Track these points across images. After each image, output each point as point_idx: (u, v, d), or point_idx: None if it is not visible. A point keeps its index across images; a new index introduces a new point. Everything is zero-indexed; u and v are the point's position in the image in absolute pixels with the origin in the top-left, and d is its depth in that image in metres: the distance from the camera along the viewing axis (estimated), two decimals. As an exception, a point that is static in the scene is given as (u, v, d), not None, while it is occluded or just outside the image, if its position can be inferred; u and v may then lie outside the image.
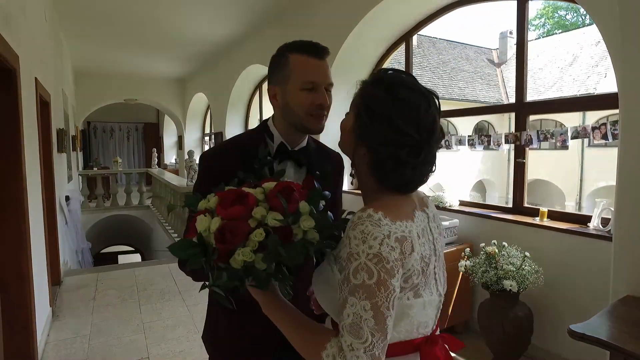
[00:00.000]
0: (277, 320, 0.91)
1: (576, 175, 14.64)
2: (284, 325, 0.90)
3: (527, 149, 3.17)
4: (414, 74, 0.97)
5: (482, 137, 3.52)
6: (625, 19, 1.99)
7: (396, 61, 11.86)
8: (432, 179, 0.98)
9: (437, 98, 0.91)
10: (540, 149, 14.39)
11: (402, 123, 0.84)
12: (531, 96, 14.79)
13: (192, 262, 0.83)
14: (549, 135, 3.01)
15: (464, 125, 15.53)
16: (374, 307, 0.77)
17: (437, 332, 0.98)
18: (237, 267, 0.80)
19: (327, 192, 0.96)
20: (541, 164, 14.72)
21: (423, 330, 0.91)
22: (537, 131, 3.05)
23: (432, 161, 0.91)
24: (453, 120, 16.41)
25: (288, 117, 1.17)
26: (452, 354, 1.02)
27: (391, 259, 0.79)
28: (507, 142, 3.25)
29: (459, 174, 14.96)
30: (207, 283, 0.85)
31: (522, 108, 3.18)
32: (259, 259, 0.80)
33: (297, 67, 1.13)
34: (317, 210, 0.85)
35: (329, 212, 0.89)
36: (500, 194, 15.44)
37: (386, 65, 4.91)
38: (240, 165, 1.06)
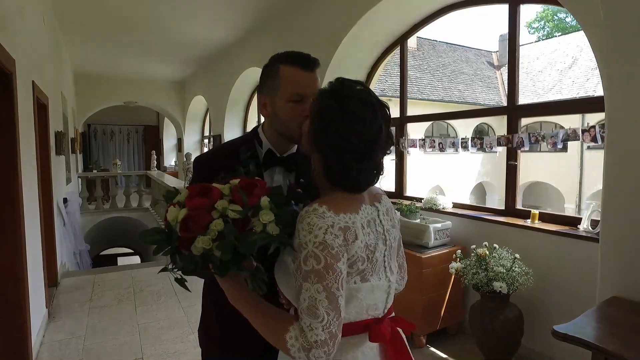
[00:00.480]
0: (242, 308, 0.97)
1: (576, 177, 14.64)
2: (249, 313, 0.96)
3: (519, 151, 3.19)
4: (409, 77, 1.04)
5: (475, 139, 3.55)
6: (609, 23, 2.01)
7: (396, 64, 11.93)
8: (432, 181, 1.04)
9: (387, 108, 0.99)
10: (540, 151, 14.43)
11: (347, 132, 0.93)
12: (531, 98, 14.86)
13: (157, 248, 0.91)
14: (540, 138, 3.03)
15: (464, 128, 15.58)
16: (326, 288, 0.87)
17: (392, 315, 1.08)
18: (197, 253, 0.87)
19: (299, 191, 1.02)
20: (541, 166, 14.74)
21: (373, 312, 1.00)
22: (529, 134, 3.07)
23: (377, 166, 0.99)
24: (453, 122, 16.47)
25: (276, 126, 1.22)
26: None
27: (335, 246, 0.89)
28: (499, 144, 3.27)
29: (459, 176, 15.01)
30: (168, 267, 0.95)
31: (513, 111, 3.21)
32: (216, 246, 0.86)
33: (286, 79, 1.16)
34: (280, 206, 0.92)
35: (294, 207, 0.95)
36: (500, 197, 15.41)
37: (382, 68, 4.95)
38: (228, 167, 1.11)
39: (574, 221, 2.84)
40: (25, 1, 3.47)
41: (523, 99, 3.25)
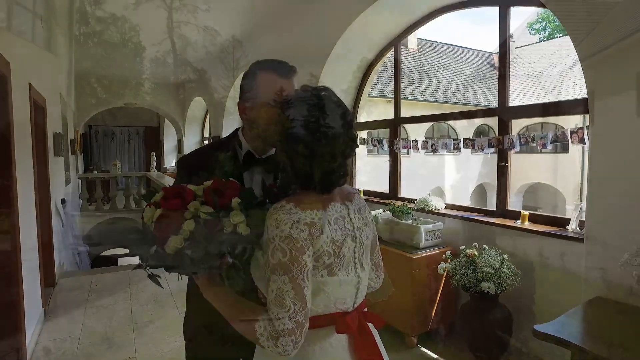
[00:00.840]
0: (215, 302, 1.02)
1: (577, 178, 14.61)
2: (221, 306, 1.01)
3: (510, 152, 3.21)
4: (410, 78, 1.06)
5: (467, 140, 3.57)
6: (591, 26, 2.04)
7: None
8: (434, 183, 1.07)
9: (348, 114, 1.03)
10: (541, 152, 14.39)
11: (309, 139, 0.97)
12: (531, 99, 14.83)
13: (133, 246, 0.96)
14: (530, 139, 3.05)
15: (466, 129, 15.57)
16: (292, 280, 0.92)
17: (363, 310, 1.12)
18: (170, 252, 0.91)
19: (275, 190, 1.06)
20: (542, 167, 14.70)
21: (341, 306, 1.05)
22: (519, 135, 3.09)
23: (339, 169, 1.03)
24: (453, 124, 16.45)
25: (255, 130, 1.27)
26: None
27: (300, 239, 0.94)
28: (490, 145, 3.30)
29: (461, 178, 14.99)
30: (142, 265, 1.00)
31: (504, 113, 3.23)
32: (187, 246, 0.91)
33: (264, 85, 1.21)
34: (251, 207, 0.95)
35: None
36: (500, 198, 15.37)
37: (382, 70, 4.97)
38: (209, 167, 1.16)
39: (564, 222, 2.86)
40: (22, 4, 3.52)
41: (524, 99, 3.28)
